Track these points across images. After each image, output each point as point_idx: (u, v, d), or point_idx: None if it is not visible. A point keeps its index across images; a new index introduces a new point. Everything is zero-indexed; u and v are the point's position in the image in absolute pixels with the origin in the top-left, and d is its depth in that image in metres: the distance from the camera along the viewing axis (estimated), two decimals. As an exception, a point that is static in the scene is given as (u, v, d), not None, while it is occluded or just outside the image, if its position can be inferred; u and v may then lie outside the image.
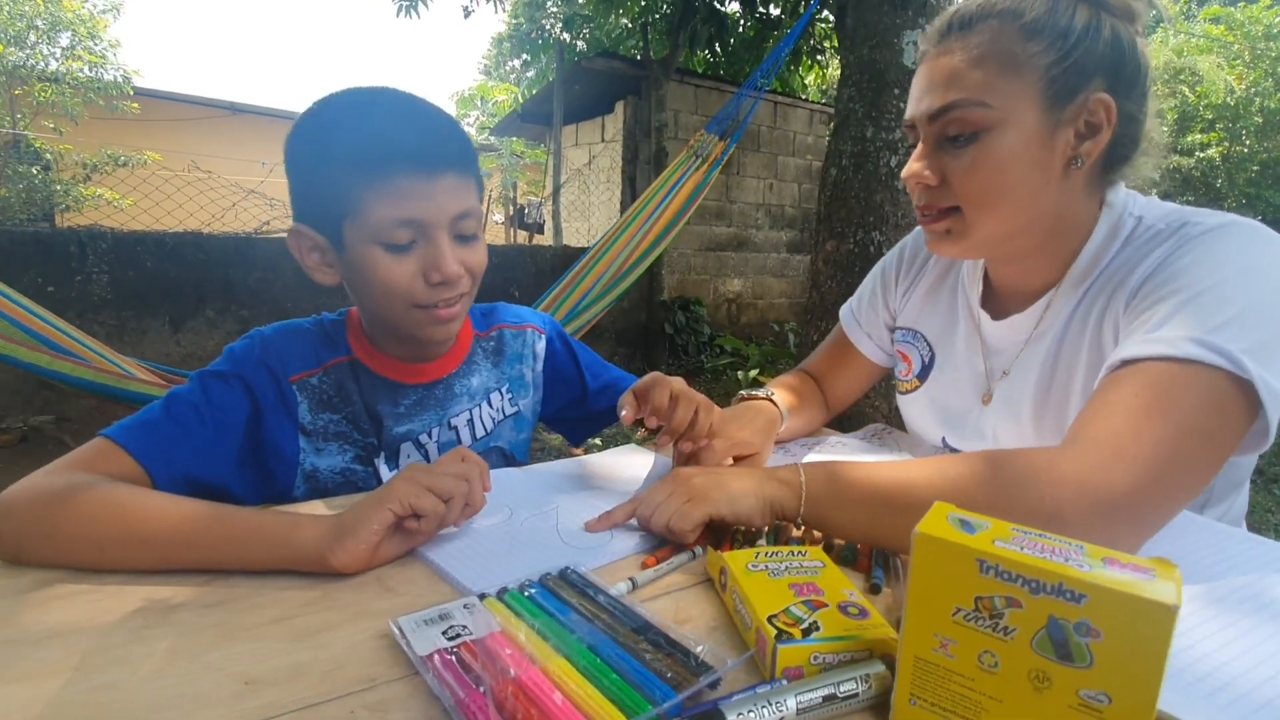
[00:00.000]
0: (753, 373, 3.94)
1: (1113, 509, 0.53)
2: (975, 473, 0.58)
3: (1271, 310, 0.57)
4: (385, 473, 0.82)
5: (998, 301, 0.82)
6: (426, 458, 0.86)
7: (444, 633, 0.45)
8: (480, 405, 0.90)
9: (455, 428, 0.88)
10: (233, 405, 0.75)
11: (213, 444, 0.73)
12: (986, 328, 0.82)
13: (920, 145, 0.72)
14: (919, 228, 0.97)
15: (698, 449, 0.77)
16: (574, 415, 1.04)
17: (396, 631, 0.46)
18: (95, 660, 0.44)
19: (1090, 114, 0.66)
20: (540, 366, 0.99)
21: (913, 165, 0.72)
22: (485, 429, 0.91)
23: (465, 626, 0.46)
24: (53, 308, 2.09)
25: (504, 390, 0.94)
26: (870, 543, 0.61)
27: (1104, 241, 0.71)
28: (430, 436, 0.86)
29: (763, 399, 0.92)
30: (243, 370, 0.77)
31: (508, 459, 0.95)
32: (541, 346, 0.99)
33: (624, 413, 0.74)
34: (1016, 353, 0.78)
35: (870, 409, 2.71)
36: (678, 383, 0.76)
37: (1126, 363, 0.59)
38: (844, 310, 1.04)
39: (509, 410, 0.94)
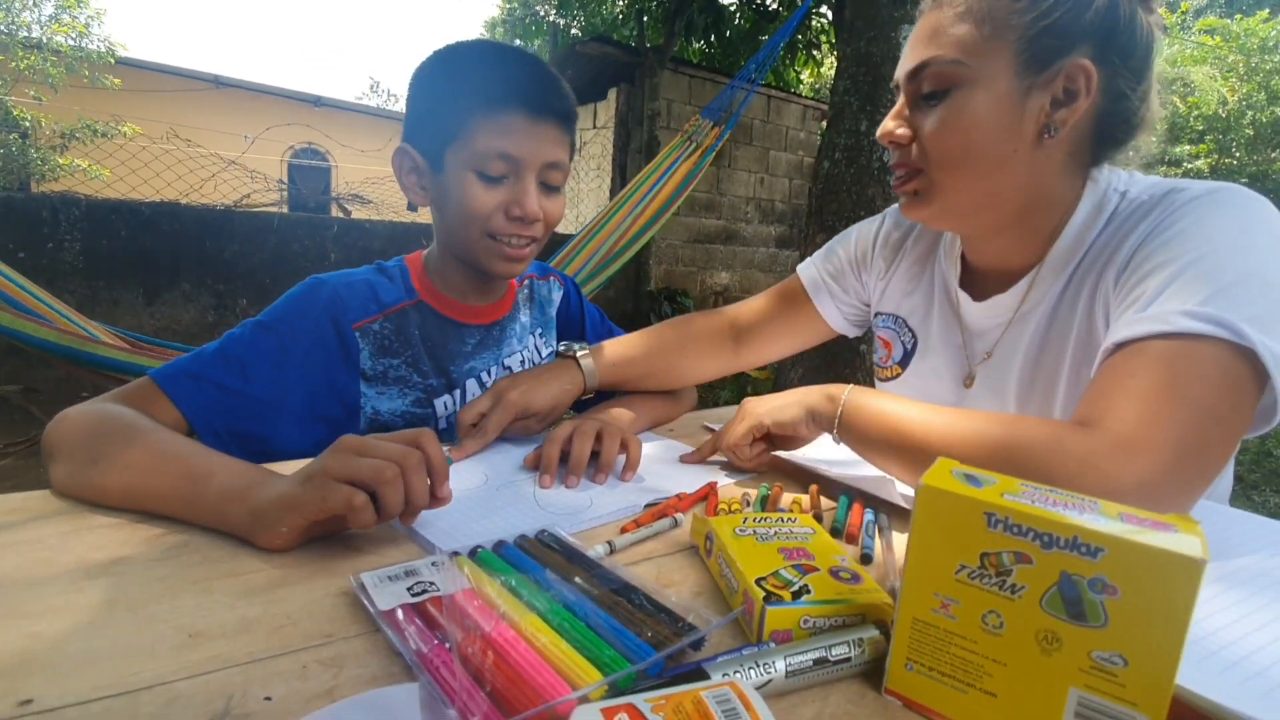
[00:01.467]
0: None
1: (1126, 500, 0.50)
2: (988, 433, 0.55)
3: (1269, 277, 0.54)
4: (443, 412, 0.86)
5: (978, 283, 0.79)
6: None
7: (409, 589, 0.42)
8: (525, 349, 0.96)
9: (509, 368, 0.93)
10: (280, 360, 0.74)
11: (254, 398, 0.72)
12: (966, 309, 0.79)
13: (900, 103, 0.70)
14: (894, 206, 0.92)
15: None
16: None
17: (356, 586, 0.42)
18: (29, 609, 0.41)
19: (1069, 80, 0.62)
20: (554, 312, 1.04)
21: (886, 123, 0.70)
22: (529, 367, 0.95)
23: (432, 583, 0.43)
24: (24, 274, 2.02)
25: (538, 334, 1.00)
26: (887, 473, 0.65)
27: (1088, 219, 0.68)
28: (489, 375, 0.90)
29: (570, 357, 0.86)
30: (298, 322, 0.76)
31: None
32: (559, 295, 1.05)
33: (545, 479, 0.68)
34: (998, 335, 0.75)
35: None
36: (576, 422, 0.73)
37: (1121, 345, 0.56)
38: (805, 267, 0.96)
39: (544, 351, 1.00)
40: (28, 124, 6.74)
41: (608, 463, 0.69)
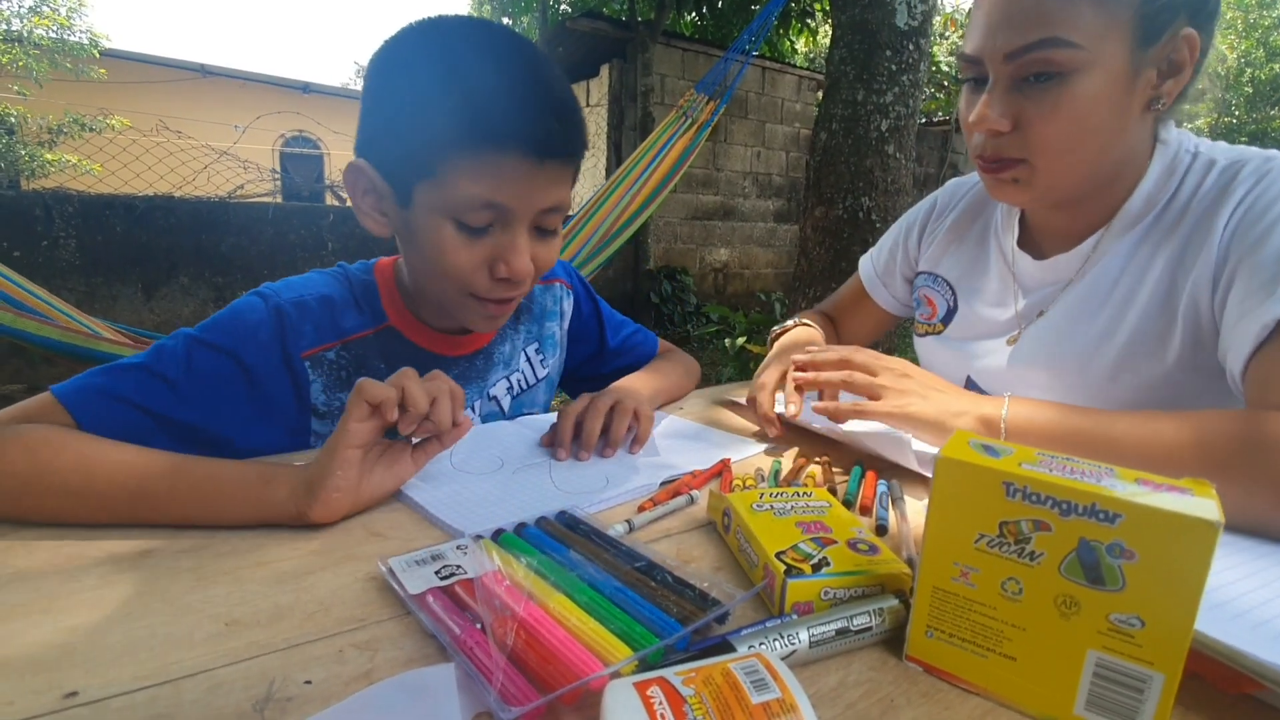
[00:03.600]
0: (740, 340, 3.93)
1: None
2: (1200, 434, 0.52)
3: None
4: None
5: (1036, 243, 0.80)
6: None
7: (437, 572, 0.43)
8: (515, 371, 0.86)
9: (495, 398, 0.83)
10: (216, 383, 0.65)
11: (180, 424, 0.63)
12: (1023, 268, 0.79)
13: (992, 85, 0.65)
14: (951, 182, 0.97)
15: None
16: (586, 373, 1.01)
17: (386, 571, 0.43)
18: (63, 603, 0.42)
19: (1174, 51, 0.62)
20: (567, 324, 0.95)
21: (981, 109, 0.65)
22: (519, 392, 0.87)
23: (459, 566, 0.44)
24: (20, 273, 2.01)
25: (533, 351, 0.89)
26: None
27: (1160, 179, 0.68)
28: (474, 411, 0.81)
29: (800, 324, 0.95)
30: (242, 345, 0.66)
31: None
32: (569, 304, 0.95)
33: (560, 453, 0.68)
34: (1056, 294, 0.75)
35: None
36: (590, 397, 0.72)
37: None
38: (863, 261, 1.05)
39: (540, 373, 0.90)
40: (13, 120, 6.65)
41: (616, 439, 0.69)
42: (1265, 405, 0.54)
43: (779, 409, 0.75)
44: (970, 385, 0.87)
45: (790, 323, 0.97)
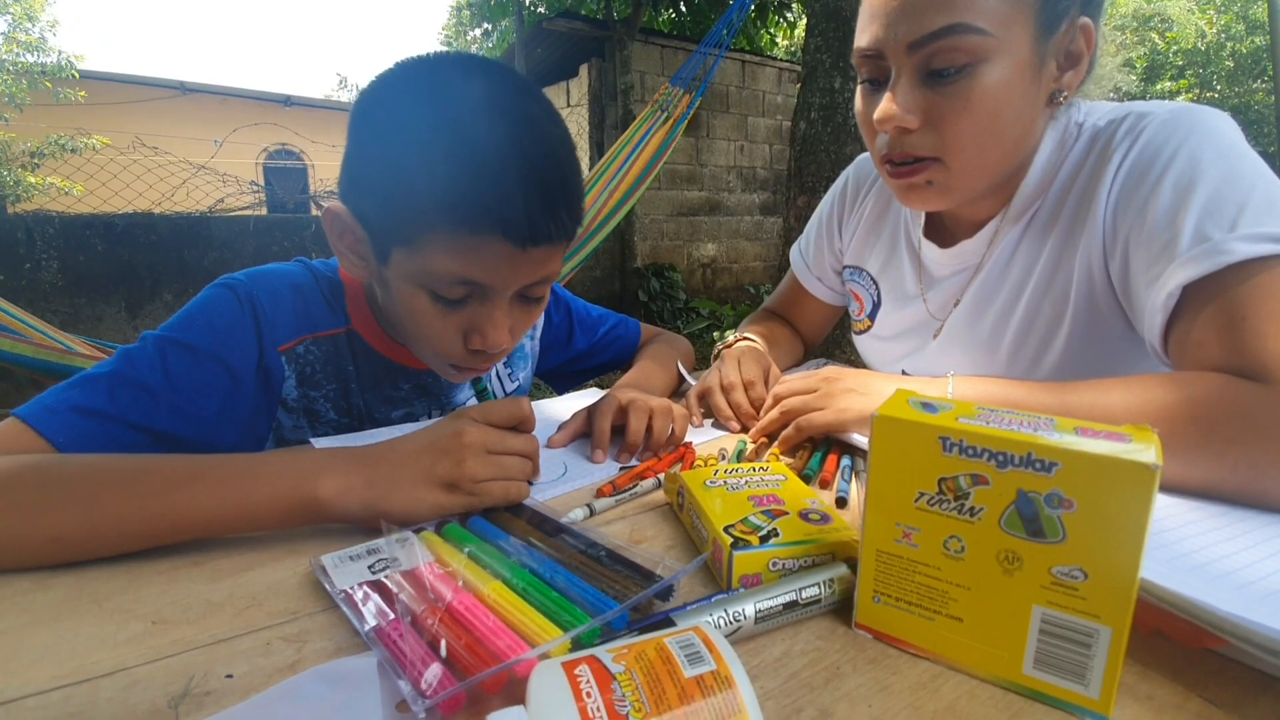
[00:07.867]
0: (729, 334, 3.93)
1: None
2: (1174, 402, 0.49)
3: (1269, 180, 0.53)
4: None
5: (944, 231, 0.78)
6: None
7: (369, 567, 0.41)
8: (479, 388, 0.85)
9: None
10: (202, 389, 0.61)
11: (161, 435, 0.58)
12: (930, 257, 0.78)
13: (895, 80, 0.60)
14: (859, 159, 0.94)
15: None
16: (564, 372, 1.00)
17: (317, 569, 0.42)
18: (-9, 608, 0.40)
19: (1072, 42, 0.60)
20: (539, 335, 0.94)
21: (887, 106, 0.60)
22: None
23: (395, 559, 0.42)
24: (4, 297, 2.00)
25: (502, 365, 0.87)
26: None
27: (1051, 157, 0.66)
28: (428, 419, 0.79)
29: (742, 338, 0.90)
30: (223, 345, 0.62)
31: None
32: (540, 318, 0.93)
33: (597, 454, 0.65)
34: (966, 281, 0.74)
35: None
36: (624, 396, 0.68)
37: (1190, 287, 0.52)
38: (793, 252, 1.01)
39: (509, 386, 0.88)
40: (-3, 147, 6.61)
41: (658, 441, 0.65)
42: (1200, 366, 0.52)
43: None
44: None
45: (732, 337, 0.91)
